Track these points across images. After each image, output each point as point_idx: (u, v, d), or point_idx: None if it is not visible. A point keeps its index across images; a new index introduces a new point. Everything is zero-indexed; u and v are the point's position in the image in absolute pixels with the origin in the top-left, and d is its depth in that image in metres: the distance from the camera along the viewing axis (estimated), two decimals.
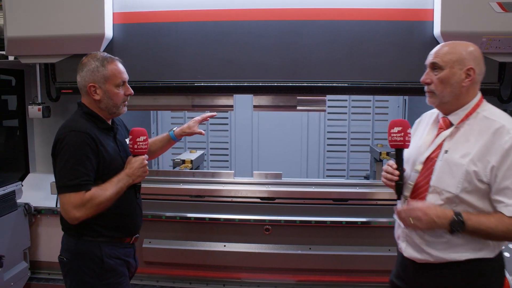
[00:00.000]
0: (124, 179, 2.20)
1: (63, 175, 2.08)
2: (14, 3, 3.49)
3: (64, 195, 2.06)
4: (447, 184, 1.91)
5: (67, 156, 2.08)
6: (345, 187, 3.71)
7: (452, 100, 1.96)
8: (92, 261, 2.18)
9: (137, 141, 2.26)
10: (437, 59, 1.96)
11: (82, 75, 2.22)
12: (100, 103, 2.23)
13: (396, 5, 3.41)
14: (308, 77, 3.51)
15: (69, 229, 2.20)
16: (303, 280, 3.72)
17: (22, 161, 4.40)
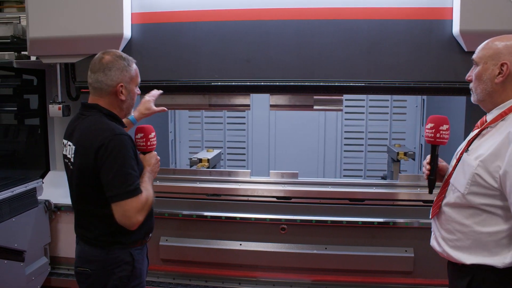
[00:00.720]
0: (150, 177, 2.22)
1: (121, 182, 1.99)
2: (36, 5, 3.56)
3: (125, 202, 1.98)
4: (459, 183, 1.91)
5: (119, 161, 2.00)
6: (362, 187, 3.69)
7: (487, 98, 1.90)
8: (123, 268, 2.15)
9: (149, 138, 2.26)
10: (475, 55, 1.94)
11: (109, 74, 2.12)
12: (124, 103, 2.19)
13: (414, 4, 3.36)
14: (325, 76, 3.49)
15: (98, 240, 2.13)
16: (319, 280, 3.71)
17: (42, 159, 4.49)
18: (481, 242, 1.84)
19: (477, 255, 1.85)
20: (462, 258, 1.89)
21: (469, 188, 1.84)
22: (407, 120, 5.69)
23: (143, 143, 2.25)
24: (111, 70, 2.12)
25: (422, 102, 5.54)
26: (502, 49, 1.83)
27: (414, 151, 5.03)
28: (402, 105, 5.70)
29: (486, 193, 1.80)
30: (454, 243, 1.92)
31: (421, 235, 3.49)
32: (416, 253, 3.54)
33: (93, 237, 2.14)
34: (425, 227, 3.46)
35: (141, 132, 2.25)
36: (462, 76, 3.34)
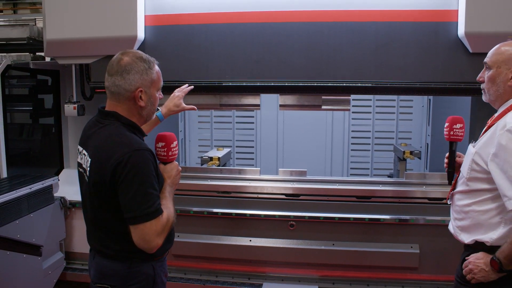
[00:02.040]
0: (171, 191, 2.05)
1: (140, 203, 1.81)
2: (53, 8, 3.67)
3: (144, 225, 1.81)
4: (464, 169, 2.16)
5: (138, 180, 1.81)
6: (368, 184, 3.76)
7: (498, 98, 2.08)
8: (145, 283, 2.01)
9: (171, 148, 2.06)
10: (488, 58, 2.09)
11: (128, 78, 1.91)
12: (143, 110, 1.98)
13: (421, 7, 3.44)
14: (333, 77, 3.58)
15: (119, 255, 1.96)
16: (326, 275, 3.78)
17: (57, 157, 4.60)
18: (478, 221, 2.06)
19: (475, 233, 2.08)
20: (464, 237, 2.14)
21: (469, 172, 2.09)
22: (413, 119, 5.75)
23: (164, 153, 2.06)
24: (129, 73, 1.90)
25: (428, 102, 5.60)
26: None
27: (420, 150, 5.10)
28: (409, 105, 5.75)
29: (481, 177, 2.04)
30: (461, 222, 2.16)
31: (427, 232, 3.60)
32: (421, 250, 3.60)
33: (113, 251, 1.96)
34: (431, 224, 3.56)
35: (162, 140, 2.05)
36: (468, 77, 3.44)
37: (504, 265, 1.92)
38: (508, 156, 1.88)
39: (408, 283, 3.72)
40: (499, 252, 1.94)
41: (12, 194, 3.35)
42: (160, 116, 2.51)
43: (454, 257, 2.34)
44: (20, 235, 3.40)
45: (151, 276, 2.01)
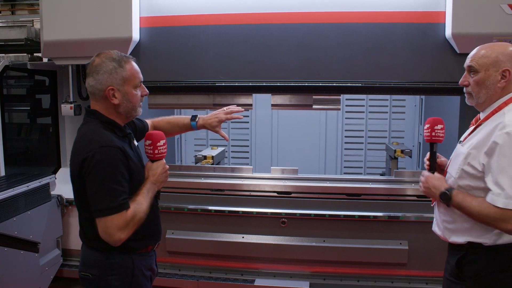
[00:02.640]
0: (151, 188, 2.08)
1: (102, 197, 1.87)
2: (50, 10, 3.74)
3: (106, 219, 1.87)
4: (452, 169, 2.17)
5: (101, 175, 1.87)
6: (358, 182, 3.82)
7: (487, 100, 2.09)
8: (124, 275, 2.07)
9: (157, 146, 2.11)
10: (473, 62, 2.09)
11: (97, 78, 1.98)
12: (119, 107, 2.03)
13: (410, 8, 3.52)
14: (325, 77, 3.64)
15: (98, 246, 2.02)
16: (317, 271, 3.84)
17: (54, 156, 4.66)
18: (471, 222, 2.06)
19: (468, 234, 2.09)
20: (456, 238, 2.14)
21: (459, 172, 2.09)
22: (406, 119, 5.83)
23: (150, 151, 2.11)
24: (99, 73, 1.98)
25: (421, 102, 5.68)
26: (502, 57, 2.03)
27: (411, 149, 5.18)
28: (401, 105, 5.83)
29: (472, 176, 2.04)
30: (450, 225, 2.17)
31: (415, 229, 3.66)
32: (410, 246, 3.67)
33: (92, 241, 2.05)
34: (419, 221, 3.62)
35: (149, 139, 2.11)
36: (455, 76, 3.51)
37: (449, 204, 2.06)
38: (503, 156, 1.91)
39: (397, 278, 3.79)
40: (460, 194, 2.05)
41: (9, 192, 3.42)
42: (193, 126, 2.56)
43: (441, 253, 2.39)
44: (18, 232, 3.48)
45: (130, 268, 2.07)
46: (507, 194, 1.88)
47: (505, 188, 1.89)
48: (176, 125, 2.61)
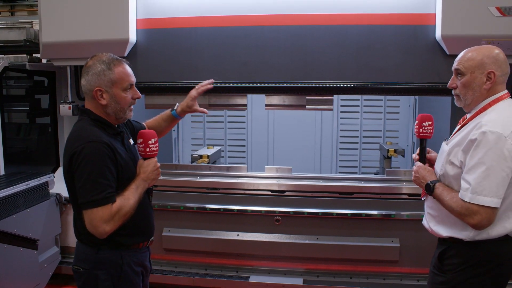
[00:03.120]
0: (141, 184, 2.13)
1: (88, 190, 1.94)
2: (49, 12, 3.81)
3: (91, 211, 1.94)
4: (437, 166, 2.30)
5: (88, 169, 1.95)
6: (351, 181, 3.89)
7: (473, 101, 2.18)
8: (112, 270, 2.12)
9: (148, 144, 2.17)
10: (460, 65, 2.18)
11: (87, 79, 2.09)
12: (107, 108, 2.11)
13: (400, 10, 3.59)
14: (317, 78, 3.71)
15: (88, 240, 2.09)
16: (311, 268, 3.91)
17: (53, 156, 4.74)
18: (452, 217, 2.15)
19: (450, 229, 2.19)
20: (439, 231, 2.26)
21: (443, 169, 2.20)
22: (400, 119, 5.91)
23: (142, 149, 2.18)
24: (88, 74, 2.08)
25: (415, 102, 5.77)
26: (486, 59, 2.12)
27: (405, 148, 5.26)
28: (395, 105, 5.92)
29: (454, 172, 2.15)
30: (436, 219, 2.28)
31: (406, 227, 3.73)
32: (401, 243, 3.74)
33: (82, 235, 2.11)
34: (410, 219, 3.70)
35: (141, 137, 2.18)
36: (445, 77, 3.60)
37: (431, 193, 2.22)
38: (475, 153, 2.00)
39: (389, 275, 3.86)
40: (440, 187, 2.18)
41: (9, 190, 3.49)
42: (175, 115, 2.66)
43: (432, 250, 2.44)
44: (17, 229, 3.54)
45: (119, 264, 2.13)
46: (473, 189, 1.98)
47: (472, 183, 1.99)
48: (161, 120, 2.69)
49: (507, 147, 1.97)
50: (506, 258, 2.12)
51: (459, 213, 2.05)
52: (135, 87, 2.20)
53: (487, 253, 2.11)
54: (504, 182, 1.98)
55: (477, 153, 2.00)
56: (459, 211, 2.04)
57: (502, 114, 2.09)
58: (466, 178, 2.03)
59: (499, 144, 1.97)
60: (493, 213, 1.99)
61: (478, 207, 1.98)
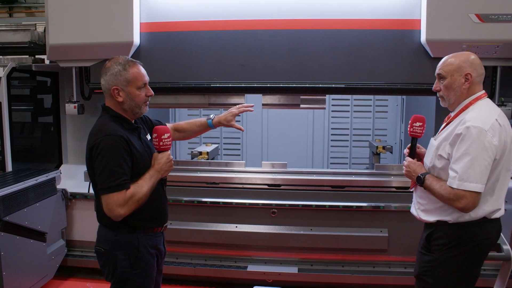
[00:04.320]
0: (155, 175, 2.31)
1: (105, 178, 2.16)
2: (55, 15, 3.98)
3: (108, 196, 2.16)
4: (426, 159, 2.56)
5: (105, 159, 2.17)
6: (342, 175, 4.11)
7: (456, 101, 2.46)
8: (129, 251, 2.32)
9: (162, 138, 2.34)
10: (441, 70, 2.47)
11: (106, 79, 2.30)
12: (123, 104, 2.31)
13: (389, 16, 3.84)
14: (311, 79, 3.94)
15: (108, 223, 2.31)
16: (305, 257, 4.11)
17: (56, 153, 4.91)
18: (439, 204, 2.43)
19: (437, 214, 2.46)
20: (427, 217, 2.52)
21: (433, 162, 2.46)
22: (388, 117, 6.18)
23: (156, 143, 2.36)
24: (106, 74, 2.30)
25: (402, 102, 6.04)
26: (463, 63, 2.41)
27: (393, 145, 5.52)
28: (384, 104, 6.19)
29: (442, 165, 2.41)
30: (424, 206, 2.54)
31: (394, 217, 3.97)
32: (390, 233, 3.96)
33: (102, 218, 2.33)
34: (398, 210, 3.93)
35: (155, 132, 2.36)
36: (430, 78, 3.87)
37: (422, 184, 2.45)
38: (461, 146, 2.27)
39: (378, 263, 4.08)
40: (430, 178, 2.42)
41: (21, 185, 3.67)
42: (210, 124, 2.86)
43: (418, 239, 2.68)
44: (28, 222, 3.72)
45: (135, 246, 2.34)
46: (460, 177, 2.25)
47: (459, 172, 2.25)
48: (195, 125, 2.89)
49: (488, 139, 2.24)
50: (484, 237, 2.39)
51: (448, 199, 2.31)
52: (148, 86, 2.40)
53: (469, 233, 2.38)
54: (486, 170, 2.26)
55: (463, 146, 2.27)
56: (448, 197, 2.30)
57: (482, 111, 2.37)
58: (454, 167, 2.29)
59: (481, 137, 2.24)
60: (478, 197, 2.27)
61: (464, 192, 2.24)
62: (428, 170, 2.51)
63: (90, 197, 4.31)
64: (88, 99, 4.43)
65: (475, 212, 2.34)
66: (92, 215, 4.13)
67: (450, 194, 2.29)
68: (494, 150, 2.26)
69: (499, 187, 2.36)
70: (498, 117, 2.34)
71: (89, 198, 4.33)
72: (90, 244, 4.40)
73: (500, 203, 2.39)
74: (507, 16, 3.55)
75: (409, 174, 2.59)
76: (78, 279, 4.37)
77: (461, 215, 2.36)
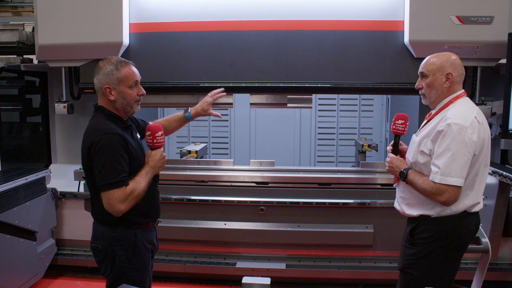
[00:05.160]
0: (150, 171, 2.37)
1: (105, 175, 2.21)
2: (44, 15, 3.99)
3: (108, 192, 2.21)
4: (409, 155, 2.64)
5: (105, 157, 2.21)
6: (329, 173, 4.19)
7: (437, 99, 2.55)
8: (127, 246, 2.37)
9: (156, 136, 2.41)
10: (424, 69, 2.57)
11: (98, 78, 2.35)
12: (115, 103, 2.36)
13: (372, 17, 3.94)
14: (298, 78, 4.03)
15: (105, 220, 2.35)
16: (293, 254, 4.19)
17: (45, 153, 4.91)
18: (421, 199, 2.52)
19: (420, 208, 2.55)
20: (410, 212, 2.60)
21: (415, 157, 2.55)
22: (374, 116, 6.31)
23: (150, 140, 2.42)
24: (99, 74, 2.35)
25: (387, 101, 6.16)
26: (444, 63, 2.51)
27: (379, 144, 5.64)
28: (369, 103, 6.31)
29: (425, 160, 2.50)
30: (407, 201, 2.63)
31: (379, 214, 4.06)
32: (375, 229, 4.06)
33: (100, 215, 2.38)
34: (383, 207, 4.03)
35: (149, 130, 2.42)
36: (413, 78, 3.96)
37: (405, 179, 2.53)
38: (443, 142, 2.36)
39: (364, 259, 4.17)
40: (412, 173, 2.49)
41: (10, 184, 3.68)
42: (187, 117, 2.91)
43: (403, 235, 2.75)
44: (18, 221, 3.73)
45: (133, 241, 2.39)
46: (442, 172, 2.35)
47: (441, 167, 2.35)
48: (173, 120, 2.94)
49: (468, 136, 2.35)
50: (464, 230, 2.50)
51: (430, 193, 2.40)
52: (140, 86, 2.46)
53: (451, 227, 2.48)
54: (466, 165, 2.36)
55: (444, 142, 2.37)
56: (430, 191, 2.40)
57: (462, 109, 2.48)
58: (436, 163, 2.39)
59: (461, 133, 2.34)
60: (459, 191, 2.37)
61: (446, 187, 2.34)
62: (411, 165, 2.60)
63: (80, 196, 4.34)
64: (77, 99, 4.45)
65: (456, 206, 2.44)
66: (81, 214, 4.19)
67: (433, 188, 2.38)
68: (473, 146, 2.37)
69: (478, 182, 2.47)
70: (477, 115, 2.45)
71: (78, 197, 4.35)
72: (80, 242, 4.44)
73: (479, 197, 2.50)
74: (485, 18, 3.67)
75: (392, 170, 2.67)
76: (68, 278, 4.39)
77: (442, 209, 2.47)
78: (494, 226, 3.83)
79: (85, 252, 4.41)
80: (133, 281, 2.38)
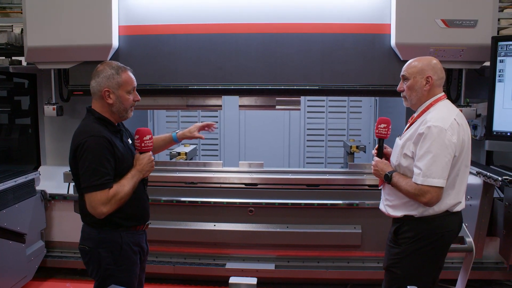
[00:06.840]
0: (136, 174, 2.40)
1: (89, 176, 2.24)
2: (33, 17, 3.98)
3: (91, 194, 2.24)
4: (393, 158, 2.70)
5: (89, 159, 2.24)
6: (317, 174, 4.23)
7: (418, 101, 2.62)
8: (113, 248, 2.39)
9: (144, 140, 2.44)
10: (405, 72, 2.64)
11: (98, 81, 2.37)
12: (112, 106, 2.39)
13: (359, 21, 3.98)
14: (286, 81, 4.06)
15: (92, 222, 2.37)
16: (282, 254, 4.23)
17: (34, 155, 4.90)
18: (405, 199, 2.58)
19: (404, 209, 2.60)
20: (395, 213, 2.66)
21: (399, 160, 2.61)
22: (362, 118, 6.37)
23: (138, 144, 2.45)
24: (99, 77, 2.37)
25: (375, 103, 6.22)
26: (425, 66, 2.58)
27: (367, 145, 5.70)
28: (358, 105, 6.36)
29: (408, 163, 2.55)
30: (392, 203, 2.68)
31: (367, 214, 4.10)
32: (363, 230, 4.11)
33: (86, 217, 2.39)
34: (370, 207, 4.06)
35: (137, 134, 2.45)
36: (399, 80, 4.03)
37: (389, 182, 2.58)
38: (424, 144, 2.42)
39: (352, 259, 4.22)
40: (396, 175, 2.55)
41: (0, 186, 3.69)
42: (174, 137, 2.95)
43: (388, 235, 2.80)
44: (7, 223, 3.73)
45: (118, 243, 2.41)
46: (423, 173, 2.41)
47: (423, 169, 2.41)
48: (158, 139, 2.94)
49: (447, 137, 2.41)
50: (447, 229, 2.56)
51: (414, 194, 2.46)
52: (136, 92, 2.52)
53: (434, 226, 2.54)
54: (447, 166, 2.42)
55: (425, 144, 2.42)
56: (414, 193, 2.45)
57: (442, 111, 2.54)
58: (418, 164, 2.45)
59: (441, 135, 2.40)
60: (440, 192, 2.43)
61: (428, 188, 2.40)
62: (395, 168, 2.66)
63: (69, 198, 4.34)
64: (66, 101, 4.44)
65: (439, 205, 2.50)
66: (71, 216, 4.19)
67: (415, 190, 2.44)
68: (453, 147, 2.43)
69: (459, 182, 2.53)
70: (456, 117, 2.51)
71: (68, 199, 4.36)
72: (69, 244, 4.44)
73: (461, 196, 2.57)
74: (470, 22, 3.74)
75: (377, 173, 2.72)
76: (58, 280, 4.39)
77: (425, 209, 2.52)
78: (478, 225, 3.89)
79: (75, 254, 4.41)
80: (121, 283, 2.39)
